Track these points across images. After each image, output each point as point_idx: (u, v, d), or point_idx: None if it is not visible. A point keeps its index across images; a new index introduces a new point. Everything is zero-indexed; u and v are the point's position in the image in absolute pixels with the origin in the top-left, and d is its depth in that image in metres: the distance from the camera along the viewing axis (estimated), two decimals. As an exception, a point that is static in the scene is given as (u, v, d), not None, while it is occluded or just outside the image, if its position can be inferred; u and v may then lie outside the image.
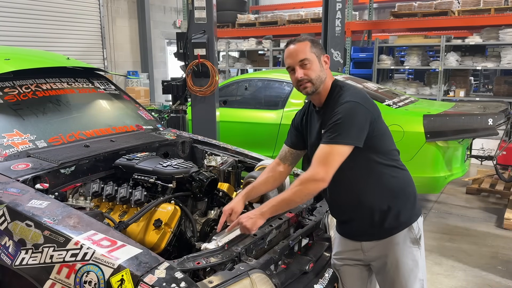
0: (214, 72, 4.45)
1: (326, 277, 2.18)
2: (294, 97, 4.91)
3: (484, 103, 5.51)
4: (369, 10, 10.28)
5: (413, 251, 1.86)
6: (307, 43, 1.83)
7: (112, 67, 10.74)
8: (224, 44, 10.56)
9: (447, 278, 3.47)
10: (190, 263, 1.65)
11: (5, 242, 1.74)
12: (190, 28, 4.50)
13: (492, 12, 7.72)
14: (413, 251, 1.86)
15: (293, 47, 1.83)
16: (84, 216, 1.81)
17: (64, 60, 3.29)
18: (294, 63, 1.82)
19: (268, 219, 2.14)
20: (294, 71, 1.84)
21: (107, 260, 1.54)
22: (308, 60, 1.80)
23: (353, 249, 1.98)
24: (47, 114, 2.65)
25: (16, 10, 8.53)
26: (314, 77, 1.81)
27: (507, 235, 4.33)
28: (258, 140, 4.90)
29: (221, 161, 2.88)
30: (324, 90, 1.87)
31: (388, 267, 1.88)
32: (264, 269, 1.82)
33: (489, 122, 4.09)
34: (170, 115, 5.00)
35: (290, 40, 1.87)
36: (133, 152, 2.59)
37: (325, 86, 1.86)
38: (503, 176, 5.15)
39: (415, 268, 1.86)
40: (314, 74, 1.81)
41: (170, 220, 2.07)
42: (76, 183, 2.32)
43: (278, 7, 13.58)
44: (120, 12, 11.00)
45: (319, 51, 1.85)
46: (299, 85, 1.84)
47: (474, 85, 11.23)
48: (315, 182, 1.73)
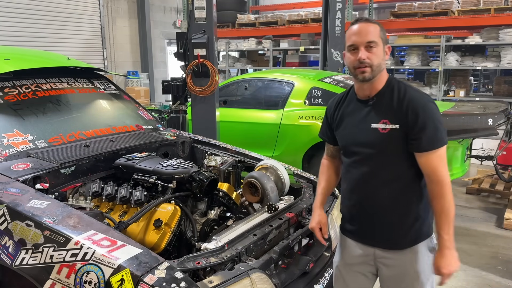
0: (214, 72, 4.45)
1: (326, 277, 2.18)
2: (294, 97, 4.91)
3: (484, 103, 5.51)
4: (369, 10, 10.28)
5: (430, 259, 1.80)
6: (377, 26, 1.71)
7: (112, 67, 10.74)
8: (224, 44, 10.56)
9: (447, 278, 3.46)
10: (190, 263, 1.65)
11: (5, 242, 1.74)
12: (190, 28, 4.50)
13: (492, 12, 7.71)
14: (430, 259, 1.80)
15: (363, 26, 1.70)
16: (84, 216, 1.81)
17: (64, 60, 3.29)
18: (360, 42, 1.68)
19: (268, 219, 2.14)
20: (355, 51, 1.70)
21: (107, 260, 1.54)
22: (376, 44, 1.68)
23: (363, 255, 1.87)
24: (47, 114, 2.65)
25: (16, 10, 8.53)
26: (376, 63, 1.69)
27: (507, 235, 4.33)
28: (258, 140, 4.90)
29: (221, 161, 2.88)
30: (379, 81, 1.75)
31: (403, 275, 1.79)
32: (264, 269, 1.82)
33: (489, 122, 4.09)
34: (170, 115, 5.00)
35: (357, 18, 1.76)
36: (133, 152, 2.59)
37: (382, 77, 1.75)
38: (503, 176, 5.15)
39: (430, 276, 1.81)
40: (377, 60, 1.69)
41: (170, 220, 2.07)
42: (76, 183, 2.32)
43: (278, 7, 13.57)
44: (120, 12, 11.00)
45: (385, 39, 1.74)
46: (356, 67, 1.70)
47: (474, 85, 11.22)
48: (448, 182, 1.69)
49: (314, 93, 4.80)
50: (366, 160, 1.77)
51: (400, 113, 1.69)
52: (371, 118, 1.75)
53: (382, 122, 1.72)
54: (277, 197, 2.45)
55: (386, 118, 1.72)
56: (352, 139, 1.81)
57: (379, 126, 1.72)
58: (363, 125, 1.77)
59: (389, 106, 1.72)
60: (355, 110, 1.82)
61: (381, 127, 1.72)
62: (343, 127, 1.86)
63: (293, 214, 2.26)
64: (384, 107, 1.73)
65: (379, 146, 1.73)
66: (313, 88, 4.83)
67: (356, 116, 1.81)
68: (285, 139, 4.76)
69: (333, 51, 7.40)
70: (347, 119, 1.85)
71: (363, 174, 1.78)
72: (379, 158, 1.74)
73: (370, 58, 1.68)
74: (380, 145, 1.72)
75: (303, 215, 2.37)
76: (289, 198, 2.47)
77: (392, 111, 1.71)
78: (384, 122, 1.72)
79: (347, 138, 1.84)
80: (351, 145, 1.82)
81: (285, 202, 2.39)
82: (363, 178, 1.79)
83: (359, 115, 1.80)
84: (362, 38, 1.68)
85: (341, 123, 1.88)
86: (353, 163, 1.82)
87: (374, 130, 1.73)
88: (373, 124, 1.73)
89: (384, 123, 1.71)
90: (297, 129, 4.69)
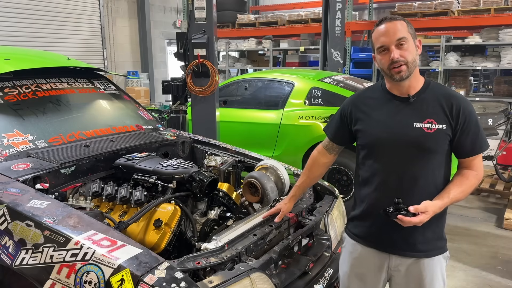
0: (214, 72, 4.45)
1: (326, 277, 2.18)
2: (294, 97, 4.91)
3: (484, 103, 5.51)
4: (369, 10, 10.28)
5: (444, 267, 1.79)
6: (404, 22, 1.66)
7: (112, 67, 10.74)
8: (224, 44, 10.55)
9: (447, 278, 3.46)
10: (190, 263, 1.65)
11: (5, 242, 1.74)
12: (190, 28, 4.50)
13: (492, 12, 7.71)
14: (444, 267, 1.79)
15: (390, 25, 1.65)
16: (84, 216, 1.81)
17: (64, 60, 3.28)
18: (390, 42, 1.63)
19: (268, 219, 2.14)
20: (386, 52, 1.65)
21: (107, 260, 1.54)
22: (406, 40, 1.63)
23: (378, 263, 1.80)
24: (47, 114, 2.65)
25: (16, 10, 8.53)
26: (411, 60, 1.64)
27: (507, 235, 4.33)
28: (258, 140, 4.90)
29: (221, 161, 2.88)
30: (417, 79, 1.70)
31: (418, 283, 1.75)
32: (264, 269, 1.82)
33: (489, 122, 4.10)
34: (170, 115, 5.00)
35: (382, 19, 1.69)
36: (133, 152, 2.59)
37: (417, 74, 1.70)
38: (503, 176, 5.15)
39: (442, 284, 1.79)
40: (411, 56, 1.64)
41: (170, 220, 2.07)
42: (76, 183, 2.32)
43: (278, 7, 13.58)
44: (120, 12, 11.00)
45: (414, 33, 1.68)
46: (392, 67, 1.65)
47: (474, 85, 11.22)
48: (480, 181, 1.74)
49: (314, 93, 4.80)
50: (402, 159, 1.69)
51: (448, 114, 1.66)
52: (414, 116, 1.68)
53: (427, 121, 1.66)
54: (277, 197, 2.45)
55: (432, 118, 1.67)
56: (388, 138, 1.71)
57: (424, 126, 1.66)
58: (403, 123, 1.69)
59: (434, 105, 1.68)
60: (390, 106, 1.74)
61: (426, 127, 1.66)
62: (367, 122, 1.77)
63: (293, 214, 2.26)
64: (427, 106, 1.68)
65: (422, 145, 1.66)
66: (313, 88, 4.83)
67: (393, 113, 1.72)
68: (285, 139, 4.75)
69: (333, 51, 7.39)
70: (378, 115, 1.75)
71: (397, 174, 1.70)
72: (419, 157, 1.67)
73: (404, 56, 1.64)
74: (424, 144, 1.66)
75: (303, 215, 2.37)
76: None
77: (437, 111, 1.67)
78: (430, 121, 1.66)
79: (379, 135, 1.73)
80: (385, 144, 1.72)
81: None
82: (395, 179, 1.70)
83: (397, 113, 1.72)
84: (391, 37, 1.64)
85: (365, 118, 1.78)
86: (385, 163, 1.73)
87: (417, 129, 1.67)
88: (416, 123, 1.67)
89: (430, 122, 1.66)
90: (297, 129, 4.69)
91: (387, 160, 1.72)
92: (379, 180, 1.74)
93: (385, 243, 1.77)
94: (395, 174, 1.71)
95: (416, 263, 1.74)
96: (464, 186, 1.67)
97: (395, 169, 1.71)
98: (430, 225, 1.66)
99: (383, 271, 1.80)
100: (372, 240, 1.80)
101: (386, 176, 1.73)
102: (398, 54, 1.63)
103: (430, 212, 1.58)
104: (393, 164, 1.71)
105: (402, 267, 1.76)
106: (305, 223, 2.32)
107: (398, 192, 1.67)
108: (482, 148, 1.70)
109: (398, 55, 1.63)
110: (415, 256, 1.74)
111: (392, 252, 1.76)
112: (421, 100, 1.70)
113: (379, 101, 1.78)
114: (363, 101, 1.83)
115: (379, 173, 1.74)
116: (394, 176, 1.71)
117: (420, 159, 1.68)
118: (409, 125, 1.68)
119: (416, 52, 1.68)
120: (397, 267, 1.77)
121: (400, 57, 1.63)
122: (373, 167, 1.76)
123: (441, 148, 1.68)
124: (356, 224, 1.87)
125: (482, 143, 1.69)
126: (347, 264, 1.90)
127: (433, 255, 1.75)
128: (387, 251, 1.77)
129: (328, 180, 4.40)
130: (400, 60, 1.63)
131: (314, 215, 2.42)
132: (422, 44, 1.73)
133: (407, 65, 1.64)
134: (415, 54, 1.66)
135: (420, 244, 1.72)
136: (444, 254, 1.78)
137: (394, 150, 1.70)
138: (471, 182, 1.68)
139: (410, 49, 1.65)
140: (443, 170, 1.72)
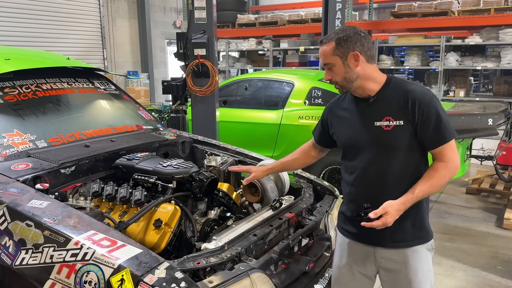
0: (214, 72, 4.45)
1: (326, 277, 2.18)
2: (294, 97, 4.91)
3: (484, 103, 5.51)
4: (369, 10, 10.27)
5: (428, 257, 1.82)
6: (331, 44, 1.74)
7: (112, 67, 10.74)
8: (224, 44, 10.55)
9: (447, 278, 3.47)
10: (190, 263, 1.65)
11: (5, 242, 1.74)
12: (190, 28, 4.50)
13: (492, 12, 7.71)
14: (429, 258, 1.83)
15: (320, 49, 1.80)
16: (84, 216, 1.81)
17: (64, 60, 3.28)
18: (322, 65, 1.83)
19: (268, 219, 2.14)
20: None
21: (107, 260, 1.54)
22: (331, 64, 1.76)
23: (364, 255, 1.87)
24: (47, 114, 2.65)
25: (16, 10, 8.53)
26: (340, 80, 1.77)
27: (507, 235, 4.33)
28: (258, 140, 4.90)
29: (221, 161, 2.88)
30: (371, 83, 1.77)
31: (403, 275, 1.80)
32: (264, 269, 1.82)
33: (489, 122, 4.09)
34: (170, 115, 5.00)
35: (320, 39, 1.83)
36: (133, 152, 2.58)
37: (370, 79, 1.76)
38: (503, 176, 5.15)
39: (429, 275, 1.83)
40: (339, 77, 1.77)
41: (170, 220, 2.07)
42: (76, 183, 2.32)
43: (278, 7, 13.57)
44: (120, 12, 11.00)
45: (345, 50, 1.72)
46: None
47: (474, 85, 11.22)
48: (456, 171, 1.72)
49: (314, 93, 4.80)
50: (371, 159, 1.76)
51: (404, 109, 1.70)
52: (374, 116, 1.76)
53: (385, 119, 1.73)
54: (277, 197, 2.45)
55: (389, 115, 1.72)
56: (355, 138, 1.81)
57: (383, 124, 1.73)
58: (365, 123, 1.78)
59: (391, 103, 1.73)
60: (355, 108, 1.83)
61: (385, 124, 1.73)
62: (340, 126, 1.89)
63: (293, 214, 2.26)
64: (386, 104, 1.74)
65: (383, 143, 1.73)
66: (313, 88, 4.83)
67: (357, 114, 1.82)
68: (285, 139, 4.76)
69: (333, 51, 7.38)
70: (346, 118, 1.86)
71: (368, 172, 1.78)
72: (384, 155, 1.74)
73: (333, 77, 1.79)
74: (385, 142, 1.73)
75: (303, 215, 2.37)
76: (289, 198, 2.47)
77: (394, 108, 1.72)
78: (388, 119, 1.72)
79: (348, 136, 1.85)
80: (354, 144, 1.82)
81: (285, 202, 2.39)
82: (368, 177, 1.78)
83: (360, 114, 1.81)
84: (321, 61, 1.82)
85: (338, 122, 1.91)
86: (357, 162, 1.81)
87: (377, 127, 1.74)
88: (376, 122, 1.74)
89: (388, 120, 1.72)
90: (297, 129, 4.69)
91: (358, 159, 1.81)
92: (354, 178, 1.83)
93: (367, 236, 1.82)
94: (366, 172, 1.79)
95: (398, 254, 1.80)
96: (433, 179, 1.70)
97: (365, 167, 1.79)
98: (407, 216, 1.72)
99: (371, 263, 1.87)
100: (357, 233, 1.87)
101: (360, 175, 1.81)
102: (328, 77, 1.81)
103: (392, 212, 1.63)
104: (363, 162, 1.79)
105: (387, 259, 1.83)
106: (305, 223, 2.32)
107: (374, 189, 1.77)
108: (446, 138, 1.70)
109: (328, 77, 1.81)
110: (396, 246, 1.79)
111: (376, 244, 1.83)
112: (381, 99, 1.77)
113: (348, 104, 1.88)
114: (337, 105, 1.95)
115: (354, 172, 1.83)
116: (366, 174, 1.79)
117: (385, 156, 1.74)
118: (370, 124, 1.77)
119: (348, 69, 1.74)
120: (383, 259, 1.83)
121: (331, 78, 1.80)
122: (349, 167, 1.87)
123: (403, 144, 1.72)
124: (343, 218, 1.96)
125: (445, 132, 1.70)
126: (338, 256, 1.99)
127: (414, 245, 1.79)
128: (371, 243, 1.84)
129: (328, 180, 4.41)
130: (331, 81, 1.81)
131: (314, 215, 2.42)
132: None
133: (338, 84, 1.79)
134: (344, 73, 1.75)
135: (399, 235, 1.77)
136: (427, 245, 1.82)
137: (362, 150, 1.79)
138: (440, 174, 1.70)
139: (336, 70, 1.76)
140: (416, 166, 1.75)
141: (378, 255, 1.84)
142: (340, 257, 1.97)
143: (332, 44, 1.74)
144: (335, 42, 1.74)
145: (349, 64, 1.74)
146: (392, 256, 1.81)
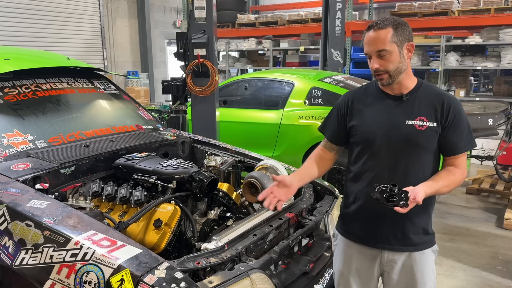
0: (214, 72, 4.44)
1: (326, 277, 2.18)
2: (294, 97, 4.91)
3: (484, 103, 5.52)
4: (369, 10, 10.28)
5: (433, 260, 1.83)
6: (389, 30, 1.64)
7: (112, 67, 10.74)
8: (224, 44, 10.55)
9: (447, 278, 3.46)
10: (190, 263, 1.65)
11: (5, 242, 1.74)
12: (190, 28, 4.50)
13: (492, 12, 7.71)
14: (433, 260, 1.83)
15: (374, 34, 1.66)
16: (84, 216, 1.81)
17: (64, 60, 3.28)
18: (371, 52, 1.69)
19: (268, 219, 2.14)
20: (370, 59, 1.72)
21: (107, 260, 1.54)
22: (386, 51, 1.65)
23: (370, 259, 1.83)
24: (47, 114, 2.65)
25: (16, 10, 8.52)
26: (392, 69, 1.67)
27: (507, 235, 4.33)
28: (258, 140, 4.90)
29: (221, 161, 2.88)
30: (409, 80, 1.74)
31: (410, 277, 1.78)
32: (264, 269, 1.81)
33: (489, 122, 4.10)
34: (170, 115, 5.00)
35: (371, 24, 1.70)
36: (133, 152, 2.58)
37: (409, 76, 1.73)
38: (503, 176, 5.15)
39: (433, 277, 1.82)
40: (392, 66, 1.67)
41: (170, 220, 2.07)
42: (76, 183, 2.32)
43: (278, 7, 13.57)
44: (120, 12, 11.00)
45: (403, 38, 1.66)
46: (375, 74, 1.72)
47: (474, 85, 11.22)
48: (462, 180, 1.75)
49: (314, 93, 4.80)
50: (395, 156, 1.73)
51: (439, 112, 1.70)
52: (406, 114, 1.72)
53: (418, 119, 1.71)
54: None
55: (423, 115, 1.71)
56: (380, 134, 1.74)
57: (416, 123, 1.71)
58: (395, 120, 1.73)
59: (425, 103, 1.72)
60: (382, 104, 1.77)
61: (418, 124, 1.71)
62: (362, 119, 1.80)
63: (293, 214, 2.26)
64: (419, 104, 1.73)
65: (414, 142, 1.71)
66: (313, 88, 4.83)
67: (385, 111, 1.76)
68: (285, 139, 4.75)
69: (333, 51, 7.40)
70: (371, 113, 1.79)
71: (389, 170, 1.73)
72: (411, 154, 1.72)
73: (384, 66, 1.67)
74: (415, 141, 1.71)
75: (303, 215, 2.37)
76: (289, 198, 2.47)
77: (428, 109, 1.71)
78: (421, 119, 1.71)
79: (371, 131, 1.76)
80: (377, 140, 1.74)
81: (285, 202, 2.38)
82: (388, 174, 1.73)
83: (388, 111, 1.76)
84: (371, 48, 1.68)
85: (360, 115, 1.81)
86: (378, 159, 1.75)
87: (409, 126, 1.71)
88: (408, 121, 1.71)
89: (421, 120, 1.71)
90: (297, 129, 4.69)
91: (380, 156, 1.75)
92: (371, 176, 1.77)
93: (376, 239, 1.79)
94: (387, 170, 1.74)
95: (407, 258, 1.79)
96: (449, 181, 1.70)
97: (388, 166, 1.75)
98: (419, 220, 1.74)
99: (376, 266, 1.84)
100: (364, 236, 1.83)
101: (379, 172, 1.76)
102: (377, 65, 1.68)
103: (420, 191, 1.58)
104: (386, 160, 1.75)
105: (394, 262, 1.80)
106: (305, 223, 2.32)
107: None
108: (468, 147, 1.74)
109: (377, 65, 1.68)
110: (406, 250, 1.78)
111: (384, 247, 1.80)
112: (413, 99, 1.74)
113: (373, 99, 1.81)
114: (358, 98, 1.86)
115: (372, 170, 1.77)
116: (387, 172, 1.74)
117: (412, 155, 1.72)
118: (401, 122, 1.73)
119: (401, 60, 1.68)
120: (389, 262, 1.81)
121: (380, 67, 1.68)
122: (366, 164, 1.79)
123: (431, 145, 1.73)
124: (347, 221, 1.90)
125: (471, 140, 1.73)
126: (340, 261, 1.93)
127: (423, 248, 1.79)
128: (378, 247, 1.80)
129: (328, 180, 4.40)
130: (380, 70, 1.68)
131: (314, 215, 2.42)
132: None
133: (389, 73, 1.69)
134: (398, 62, 1.68)
135: (411, 239, 1.77)
136: (433, 248, 1.83)
137: (387, 147, 1.74)
138: (457, 179, 1.72)
139: (392, 59, 1.67)
140: (431, 168, 1.76)
141: (385, 258, 1.81)
142: (344, 262, 1.91)
143: (389, 29, 1.65)
144: (393, 28, 1.65)
145: (404, 54, 1.68)
146: (400, 259, 1.79)
